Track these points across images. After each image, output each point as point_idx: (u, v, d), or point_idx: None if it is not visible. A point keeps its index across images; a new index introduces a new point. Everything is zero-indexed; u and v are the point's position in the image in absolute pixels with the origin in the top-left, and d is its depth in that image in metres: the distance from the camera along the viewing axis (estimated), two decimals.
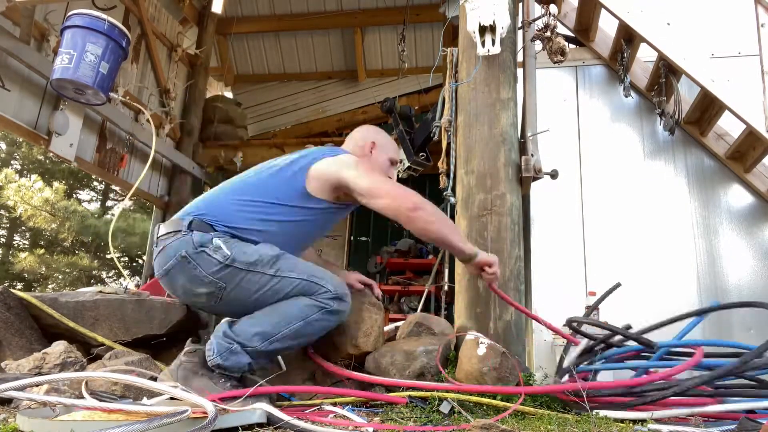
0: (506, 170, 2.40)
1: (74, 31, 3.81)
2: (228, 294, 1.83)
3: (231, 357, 1.72)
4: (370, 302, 2.20)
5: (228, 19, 6.85)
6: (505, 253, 2.29)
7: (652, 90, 3.41)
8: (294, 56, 7.38)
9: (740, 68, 3.32)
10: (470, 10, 2.44)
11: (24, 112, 4.39)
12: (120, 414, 1.28)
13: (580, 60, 3.71)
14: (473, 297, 2.26)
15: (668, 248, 3.27)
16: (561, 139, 3.54)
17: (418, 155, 3.26)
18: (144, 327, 2.06)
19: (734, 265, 3.19)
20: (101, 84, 3.86)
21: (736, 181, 3.31)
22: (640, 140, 3.52)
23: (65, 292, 2.27)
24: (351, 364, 2.09)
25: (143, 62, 5.78)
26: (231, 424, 1.25)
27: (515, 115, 2.54)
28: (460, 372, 1.90)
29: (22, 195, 10.80)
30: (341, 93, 7.53)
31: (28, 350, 1.93)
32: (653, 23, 2.96)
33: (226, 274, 1.80)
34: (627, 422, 1.57)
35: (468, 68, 2.59)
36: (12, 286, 2.33)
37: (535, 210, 3.45)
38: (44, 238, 12.77)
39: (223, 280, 1.81)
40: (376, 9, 6.76)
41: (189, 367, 1.72)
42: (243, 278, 1.81)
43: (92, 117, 5.13)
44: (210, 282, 1.81)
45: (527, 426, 1.49)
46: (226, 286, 1.81)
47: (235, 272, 1.80)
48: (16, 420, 1.23)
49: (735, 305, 2.38)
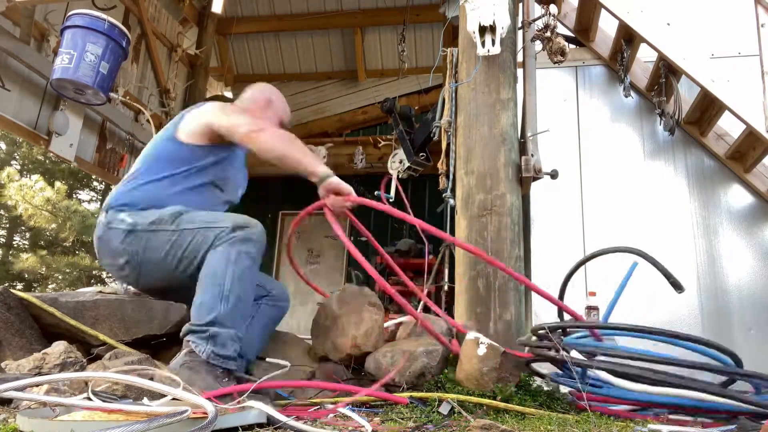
0: (506, 170, 2.40)
1: (74, 31, 3.82)
2: (142, 259, 1.97)
3: (214, 339, 1.74)
4: (370, 302, 2.20)
5: (228, 19, 6.85)
6: (505, 253, 2.29)
7: (652, 90, 3.41)
8: (294, 56, 7.38)
9: (740, 68, 3.32)
10: (470, 11, 2.44)
11: (24, 112, 4.39)
12: (120, 414, 1.28)
13: (580, 60, 3.71)
14: (473, 297, 2.26)
15: (668, 248, 3.27)
16: (561, 139, 3.54)
17: (418, 155, 3.26)
18: (144, 327, 2.05)
19: (734, 265, 3.19)
20: (101, 84, 3.86)
21: (736, 181, 3.31)
22: (640, 140, 3.52)
23: (65, 292, 2.27)
24: (351, 364, 2.09)
25: (143, 62, 5.78)
26: (231, 425, 1.25)
27: (515, 116, 2.54)
28: (461, 372, 1.90)
29: (23, 194, 10.80)
30: (341, 93, 7.53)
31: (28, 350, 1.93)
32: (653, 23, 2.96)
33: (133, 239, 1.96)
34: (627, 422, 1.57)
35: (468, 68, 2.59)
36: (12, 286, 2.34)
37: (535, 210, 3.45)
38: (45, 238, 12.78)
39: (132, 245, 1.97)
40: (376, 9, 6.76)
41: (193, 366, 1.72)
42: (149, 240, 1.95)
43: (92, 117, 5.13)
44: (123, 250, 1.98)
45: (527, 426, 1.49)
46: (138, 250, 1.96)
47: (140, 235, 1.96)
48: (16, 420, 1.23)
49: (609, 251, 2.40)
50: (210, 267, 1.84)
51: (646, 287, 3.20)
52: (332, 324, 2.17)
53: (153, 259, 1.97)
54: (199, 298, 1.81)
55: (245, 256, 1.86)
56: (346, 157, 6.61)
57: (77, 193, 13.84)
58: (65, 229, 11.42)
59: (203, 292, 1.81)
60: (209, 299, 1.79)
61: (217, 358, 1.74)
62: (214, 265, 1.83)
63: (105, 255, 2.08)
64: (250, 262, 1.87)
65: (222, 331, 1.76)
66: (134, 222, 1.98)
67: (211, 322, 1.76)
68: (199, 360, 1.74)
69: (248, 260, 1.87)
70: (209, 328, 1.76)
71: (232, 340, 1.79)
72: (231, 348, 1.78)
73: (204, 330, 1.76)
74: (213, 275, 1.82)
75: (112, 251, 2.03)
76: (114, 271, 2.10)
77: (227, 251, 1.84)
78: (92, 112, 5.02)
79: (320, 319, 2.23)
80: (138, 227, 1.97)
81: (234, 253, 1.84)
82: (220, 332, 1.76)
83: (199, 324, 1.77)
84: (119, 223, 2.00)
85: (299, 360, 2.24)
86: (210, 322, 1.76)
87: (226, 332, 1.77)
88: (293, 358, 2.23)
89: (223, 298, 1.79)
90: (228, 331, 1.77)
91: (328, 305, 2.23)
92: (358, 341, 2.08)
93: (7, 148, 12.87)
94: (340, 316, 2.16)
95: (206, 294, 1.80)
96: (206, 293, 1.80)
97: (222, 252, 1.84)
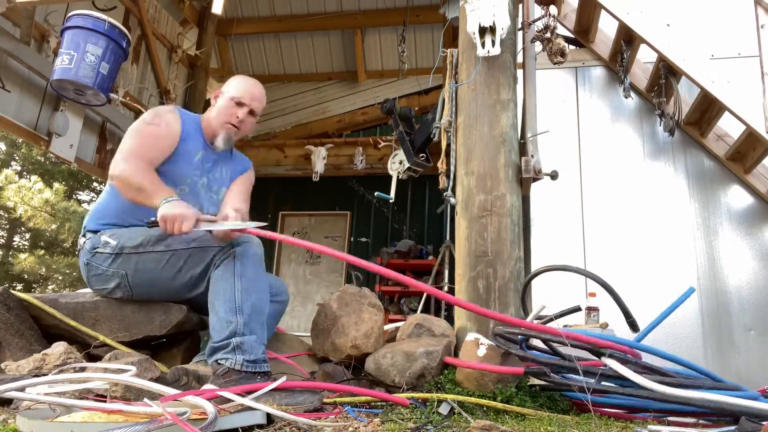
0: (506, 171, 2.40)
1: (75, 32, 3.81)
2: (134, 280, 1.97)
3: (240, 348, 1.72)
4: (370, 303, 2.20)
5: (228, 20, 6.85)
6: (505, 254, 2.29)
7: (652, 91, 3.41)
8: (294, 57, 7.38)
9: (740, 69, 3.32)
10: (470, 11, 2.44)
11: (24, 113, 4.39)
12: (120, 415, 1.28)
13: (580, 61, 3.71)
14: (473, 298, 2.26)
15: (668, 249, 3.27)
16: (561, 140, 3.54)
17: (418, 156, 3.26)
18: (144, 328, 2.05)
19: (734, 266, 3.19)
20: (101, 85, 3.86)
21: (736, 182, 3.31)
22: (640, 141, 3.52)
23: (65, 293, 2.26)
24: (351, 364, 2.09)
25: (143, 63, 5.78)
26: (231, 426, 1.25)
27: (515, 116, 2.54)
28: (460, 373, 1.90)
29: (22, 196, 10.79)
30: (341, 94, 7.53)
31: (28, 351, 1.93)
32: (653, 24, 2.96)
33: (121, 262, 1.96)
34: (626, 423, 1.57)
35: (468, 69, 2.59)
36: (12, 287, 2.33)
37: (535, 211, 3.45)
38: (44, 239, 12.76)
39: (120, 268, 1.97)
40: (376, 10, 6.76)
41: (228, 382, 1.67)
42: (138, 261, 1.95)
43: (92, 118, 5.13)
44: (112, 274, 1.98)
45: (527, 427, 1.48)
46: (126, 272, 1.96)
47: (128, 258, 1.95)
48: (16, 421, 1.23)
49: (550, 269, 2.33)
50: (217, 285, 1.83)
51: (647, 287, 3.20)
52: (332, 324, 2.17)
53: (147, 278, 1.97)
54: (214, 318, 1.80)
55: (250, 266, 1.84)
56: (346, 158, 6.60)
57: (77, 193, 13.84)
58: (64, 230, 11.41)
59: (216, 311, 1.79)
60: (224, 315, 1.77)
61: (250, 365, 1.72)
62: (220, 283, 1.82)
63: (93, 282, 2.06)
64: (254, 271, 1.85)
65: (244, 338, 1.74)
66: (120, 245, 1.97)
67: (231, 334, 1.74)
68: (234, 378, 1.69)
69: (252, 269, 1.84)
70: (231, 339, 1.74)
71: (258, 344, 1.77)
72: (259, 351, 1.76)
73: (227, 344, 1.74)
74: (222, 292, 1.80)
75: (99, 276, 2.02)
76: (105, 294, 2.08)
77: (231, 265, 1.82)
78: (92, 113, 5.02)
79: (320, 319, 2.23)
80: (125, 250, 1.96)
81: (238, 266, 1.82)
82: (244, 340, 1.74)
83: (220, 340, 1.75)
84: (104, 247, 1.99)
85: (299, 360, 2.24)
86: (230, 334, 1.74)
87: (249, 338, 1.75)
88: (296, 359, 2.23)
89: (237, 311, 1.77)
90: (250, 337, 1.76)
91: (327, 306, 2.23)
92: (357, 342, 2.08)
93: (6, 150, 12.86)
94: (340, 317, 2.16)
95: (220, 311, 1.78)
96: (220, 311, 1.78)
97: (225, 269, 1.83)
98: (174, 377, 1.72)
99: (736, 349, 3.03)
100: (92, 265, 2.02)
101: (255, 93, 2.22)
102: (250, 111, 2.19)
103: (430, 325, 2.26)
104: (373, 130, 7.40)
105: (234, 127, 2.19)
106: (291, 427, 1.33)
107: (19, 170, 12.91)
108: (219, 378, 1.69)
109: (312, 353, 2.30)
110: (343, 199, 7.30)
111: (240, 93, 2.18)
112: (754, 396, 1.56)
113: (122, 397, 1.50)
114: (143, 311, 2.07)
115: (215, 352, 1.76)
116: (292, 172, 6.94)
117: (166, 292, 2.00)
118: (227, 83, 2.26)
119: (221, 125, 2.18)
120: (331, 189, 7.03)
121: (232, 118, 2.17)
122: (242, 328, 1.75)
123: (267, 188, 7.02)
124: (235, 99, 2.17)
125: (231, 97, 2.18)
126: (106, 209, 2.10)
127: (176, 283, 1.95)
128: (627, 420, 1.65)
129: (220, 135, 2.18)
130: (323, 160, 6.21)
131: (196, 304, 2.12)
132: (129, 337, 2.05)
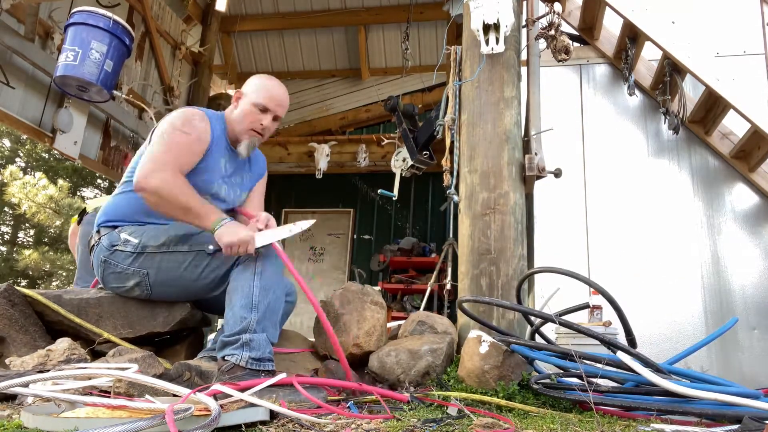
0: (510, 169, 2.39)
1: (79, 29, 3.82)
2: (155, 279, 1.94)
3: (249, 345, 1.74)
4: (372, 301, 2.20)
5: (232, 17, 6.85)
6: (508, 252, 2.29)
7: (657, 89, 3.39)
8: (297, 54, 7.38)
9: (745, 67, 3.30)
10: (474, 9, 2.43)
11: (28, 110, 4.40)
12: (124, 411, 1.28)
13: (585, 58, 3.70)
14: (477, 295, 2.25)
15: (672, 248, 3.26)
16: (565, 137, 3.53)
17: (421, 153, 3.26)
18: (148, 324, 2.06)
19: (738, 264, 3.18)
20: (105, 81, 3.87)
21: (740, 181, 3.29)
22: (645, 139, 3.50)
23: (69, 290, 2.27)
24: (354, 363, 2.09)
25: (147, 60, 5.79)
26: (234, 422, 1.26)
27: (519, 114, 2.54)
28: (463, 370, 1.90)
29: (26, 192, 10.83)
30: (345, 91, 7.53)
31: (32, 347, 1.94)
32: (658, 22, 2.95)
33: (143, 261, 1.93)
34: (629, 421, 1.57)
35: (472, 66, 2.58)
36: (16, 283, 2.34)
37: (539, 209, 3.44)
38: (48, 235, 12.82)
39: (142, 267, 1.94)
40: (379, 7, 6.75)
41: (233, 378, 1.68)
42: (161, 260, 1.92)
43: (96, 115, 5.15)
44: (133, 272, 1.95)
45: (530, 424, 1.48)
46: (148, 271, 1.94)
47: (150, 257, 1.93)
48: (20, 416, 1.24)
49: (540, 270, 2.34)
50: (236, 281, 1.84)
51: (650, 285, 3.19)
52: (334, 323, 2.17)
53: (168, 278, 1.95)
54: (229, 312, 1.81)
55: (270, 266, 1.85)
56: (350, 155, 6.61)
57: (81, 190, 13.88)
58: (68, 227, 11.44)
59: (233, 306, 1.80)
60: (238, 310, 1.78)
61: (255, 363, 1.73)
62: (240, 280, 1.83)
63: (110, 279, 2.02)
64: (273, 271, 1.86)
65: (254, 336, 1.76)
66: (143, 244, 1.94)
67: (242, 329, 1.76)
68: (239, 374, 1.70)
69: (272, 269, 1.86)
70: (241, 335, 1.75)
71: (266, 343, 1.79)
72: (267, 350, 1.78)
73: (236, 339, 1.75)
74: (240, 288, 1.81)
75: (119, 275, 1.99)
76: (121, 293, 2.05)
77: (252, 263, 1.84)
78: (96, 109, 5.03)
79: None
80: (148, 249, 1.94)
81: (260, 264, 1.84)
82: (254, 337, 1.75)
83: (231, 334, 1.76)
84: (125, 245, 1.96)
85: (302, 358, 2.24)
86: (241, 330, 1.76)
87: (259, 336, 1.77)
88: (296, 356, 2.24)
89: (252, 308, 1.78)
90: (261, 335, 1.77)
91: (330, 304, 2.23)
92: (360, 340, 2.08)
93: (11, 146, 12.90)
94: (342, 315, 2.16)
95: (235, 306, 1.79)
96: (236, 305, 1.79)
97: (246, 266, 1.84)
98: (177, 373, 1.73)
99: (739, 348, 3.02)
100: (110, 262, 1.99)
101: (279, 98, 2.16)
102: (274, 117, 2.16)
103: (433, 323, 2.26)
104: (376, 128, 7.41)
105: (258, 134, 2.15)
106: (294, 423, 1.33)
107: (23, 166, 12.96)
108: (224, 374, 1.70)
109: (314, 350, 2.31)
110: (346, 196, 7.31)
111: (264, 99, 2.12)
112: (756, 395, 1.56)
113: (126, 393, 1.51)
114: (147, 308, 2.07)
115: (225, 346, 1.77)
116: (295, 169, 6.95)
117: (186, 292, 2.00)
118: (249, 83, 2.20)
119: (245, 131, 2.13)
120: (334, 186, 7.03)
121: (256, 125, 2.12)
122: (255, 325, 1.76)
123: (270, 185, 6.95)
124: (260, 105, 2.11)
125: (254, 102, 2.12)
126: (123, 208, 2.05)
127: (198, 284, 1.94)
128: (630, 418, 1.64)
129: (243, 142, 2.14)
130: (326, 157, 6.21)
131: (206, 303, 2.12)
132: (133, 333, 2.05)
